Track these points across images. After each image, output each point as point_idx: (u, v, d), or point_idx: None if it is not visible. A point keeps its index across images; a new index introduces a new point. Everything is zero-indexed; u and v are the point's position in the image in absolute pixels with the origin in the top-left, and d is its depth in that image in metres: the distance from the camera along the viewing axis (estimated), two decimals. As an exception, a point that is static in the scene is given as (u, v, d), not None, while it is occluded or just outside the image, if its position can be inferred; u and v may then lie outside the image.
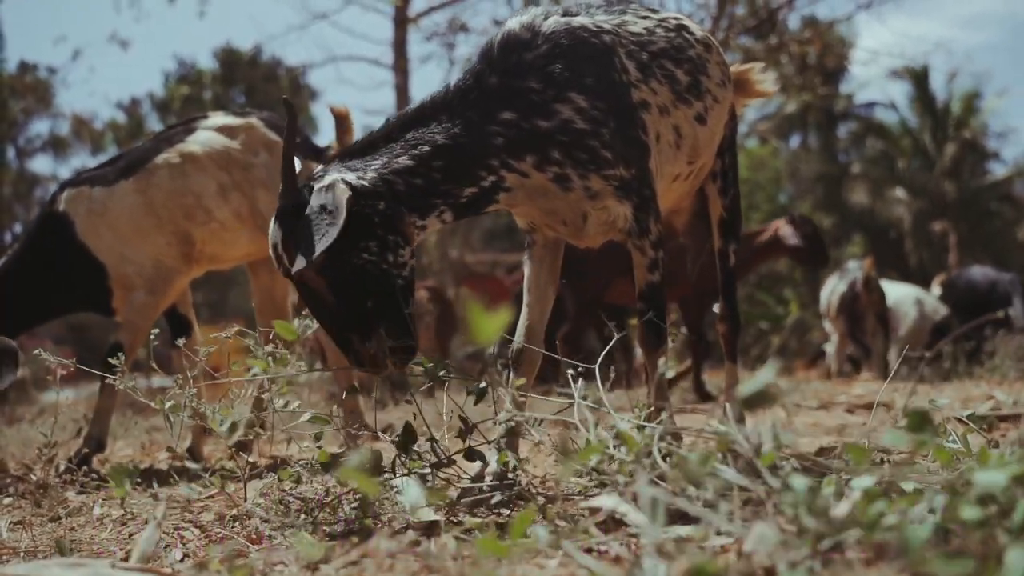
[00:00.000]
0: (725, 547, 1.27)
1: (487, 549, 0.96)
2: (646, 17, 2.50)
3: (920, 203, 23.20)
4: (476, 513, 1.79)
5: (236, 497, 2.22)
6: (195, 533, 1.98)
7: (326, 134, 24.06)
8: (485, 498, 1.83)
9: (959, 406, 3.70)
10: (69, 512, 2.43)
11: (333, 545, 1.48)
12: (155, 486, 2.75)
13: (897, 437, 1.09)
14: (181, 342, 2.76)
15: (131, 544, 1.99)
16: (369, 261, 2.06)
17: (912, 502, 1.01)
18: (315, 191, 2.04)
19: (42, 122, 24.83)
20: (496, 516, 1.77)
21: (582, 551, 1.16)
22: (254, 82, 24.92)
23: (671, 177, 2.52)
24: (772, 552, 1.02)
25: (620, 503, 1.27)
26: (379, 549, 1.19)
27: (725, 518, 1.17)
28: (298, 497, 2.00)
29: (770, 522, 1.11)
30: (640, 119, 2.31)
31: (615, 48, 2.31)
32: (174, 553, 1.79)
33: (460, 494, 1.89)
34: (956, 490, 0.97)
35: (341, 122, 3.81)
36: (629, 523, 1.28)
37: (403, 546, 1.22)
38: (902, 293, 8.54)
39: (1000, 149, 26.33)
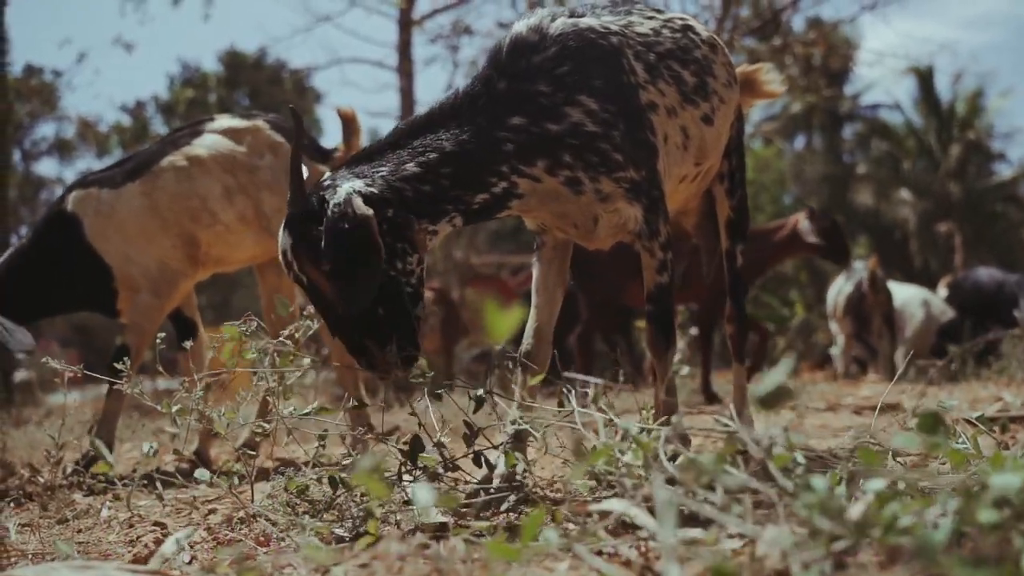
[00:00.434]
0: (736, 550, 1.27)
1: (498, 552, 0.95)
2: (652, 18, 2.50)
3: (925, 204, 23.15)
4: (485, 516, 1.78)
5: (243, 499, 2.22)
6: (203, 535, 1.98)
7: (331, 136, 24.14)
8: (494, 500, 1.83)
9: (967, 408, 3.69)
10: (77, 514, 2.44)
11: (342, 548, 1.47)
12: (161, 488, 2.74)
13: (909, 439, 1.09)
14: (188, 344, 2.77)
15: (138, 546, 1.99)
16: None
17: (926, 504, 1.00)
18: (330, 205, 2.00)
19: (48, 125, 24.85)
20: (505, 519, 1.77)
21: (593, 554, 1.15)
22: (258, 85, 24.95)
23: (678, 178, 2.52)
24: (785, 554, 1.02)
25: (630, 506, 1.26)
26: (389, 552, 1.19)
27: (737, 520, 1.16)
28: (306, 499, 2.00)
29: (783, 524, 1.10)
30: (649, 120, 2.30)
31: (623, 49, 2.30)
32: (182, 555, 1.79)
33: (468, 496, 1.88)
34: (971, 493, 0.96)
35: (348, 124, 3.81)
36: (640, 526, 1.28)
37: (412, 549, 1.21)
38: (909, 294, 8.52)
39: (1006, 150, 26.26)
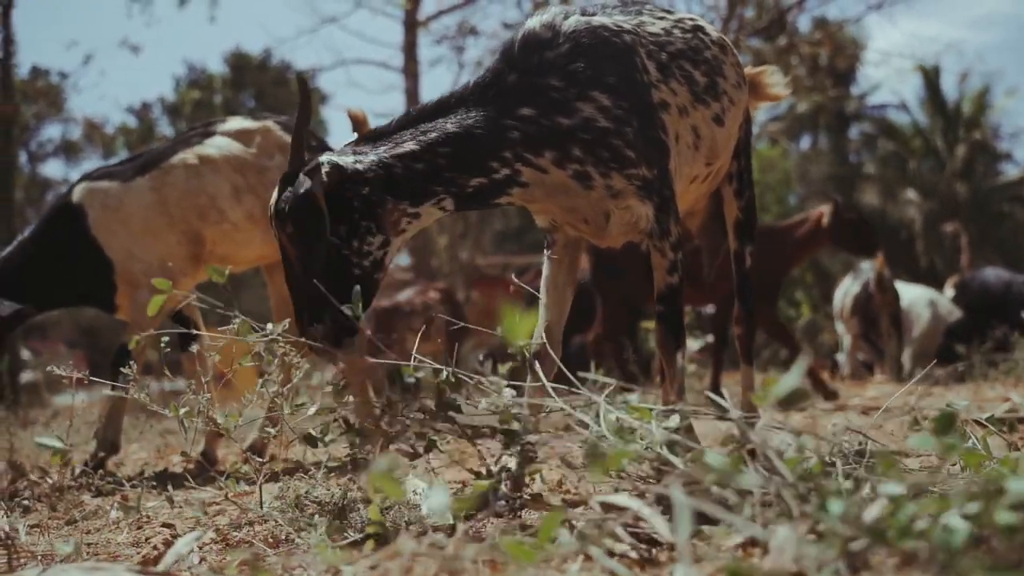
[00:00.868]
0: (748, 551, 1.26)
1: (515, 552, 0.95)
2: (662, 18, 2.50)
3: (931, 204, 23.07)
4: (499, 516, 1.78)
5: (252, 501, 2.22)
6: (212, 537, 1.98)
7: (338, 137, 24.13)
8: (506, 500, 1.82)
9: (975, 408, 3.67)
10: (85, 515, 2.43)
11: (352, 548, 1.47)
12: (170, 489, 2.75)
13: (924, 441, 1.08)
14: (195, 348, 2.77)
15: (147, 547, 1.99)
16: (333, 243, 2.11)
17: (942, 507, 1.00)
18: (303, 171, 2.10)
19: (54, 126, 24.94)
20: (517, 519, 1.76)
21: (606, 554, 1.15)
22: (264, 86, 25.00)
23: (689, 178, 2.52)
24: (800, 556, 1.01)
25: (642, 506, 1.26)
26: (399, 552, 1.18)
27: (749, 521, 1.16)
28: (314, 500, 2.00)
29: (796, 525, 1.09)
30: (660, 119, 2.30)
31: (636, 48, 2.31)
32: (191, 557, 1.79)
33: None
34: (987, 495, 0.95)
35: (358, 126, 3.81)
36: (652, 526, 1.27)
37: (424, 549, 1.21)
38: (915, 295, 8.49)
39: (1012, 150, 26.16)
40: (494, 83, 2.21)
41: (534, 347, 2.41)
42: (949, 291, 9.05)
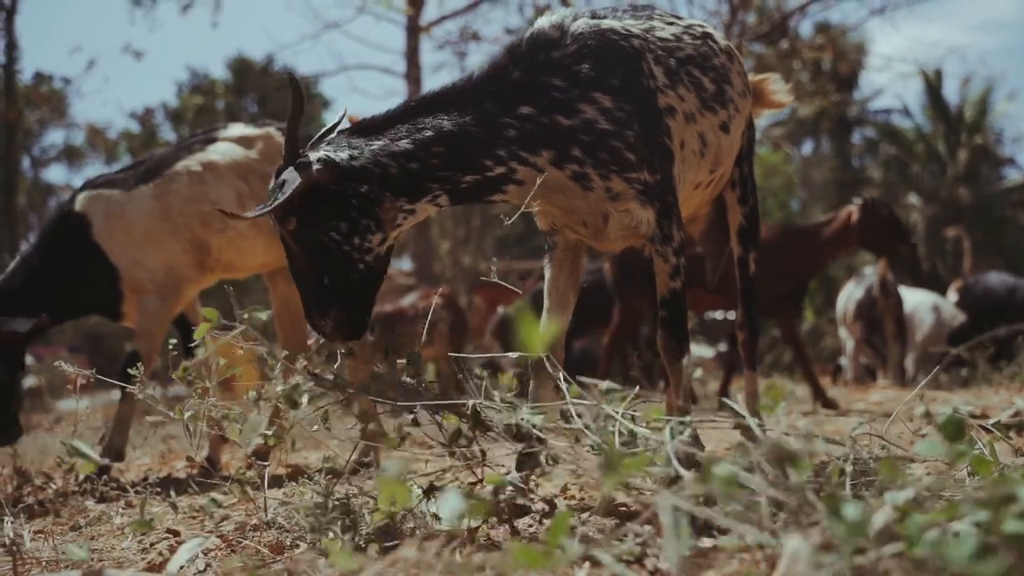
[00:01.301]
0: (755, 559, 1.26)
1: (523, 557, 0.95)
2: (672, 24, 2.50)
3: (934, 209, 23.03)
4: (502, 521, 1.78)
5: (256, 506, 2.21)
6: (216, 543, 1.97)
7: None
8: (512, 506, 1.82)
9: (979, 413, 3.66)
10: (89, 521, 2.43)
11: (359, 554, 1.46)
12: (173, 495, 2.74)
13: (932, 447, 1.08)
14: (197, 352, 2.76)
15: (151, 553, 1.99)
16: (334, 240, 2.12)
17: (951, 515, 0.99)
18: (296, 163, 2.10)
19: (57, 132, 25.04)
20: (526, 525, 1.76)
21: (614, 560, 1.15)
22: (266, 91, 25.01)
23: (693, 184, 2.52)
24: (808, 565, 1.00)
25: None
26: (406, 558, 1.18)
27: (756, 530, 1.15)
28: (319, 506, 1.99)
29: (805, 534, 1.09)
30: (666, 124, 2.30)
31: (643, 52, 2.31)
32: (196, 563, 1.79)
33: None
34: (997, 502, 0.95)
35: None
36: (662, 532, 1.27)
37: (431, 555, 1.21)
38: (919, 299, 8.47)
39: (1015, 155, 26.12)
40: (497, 79, 2.22)
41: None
42: (952, 296, 9.03)
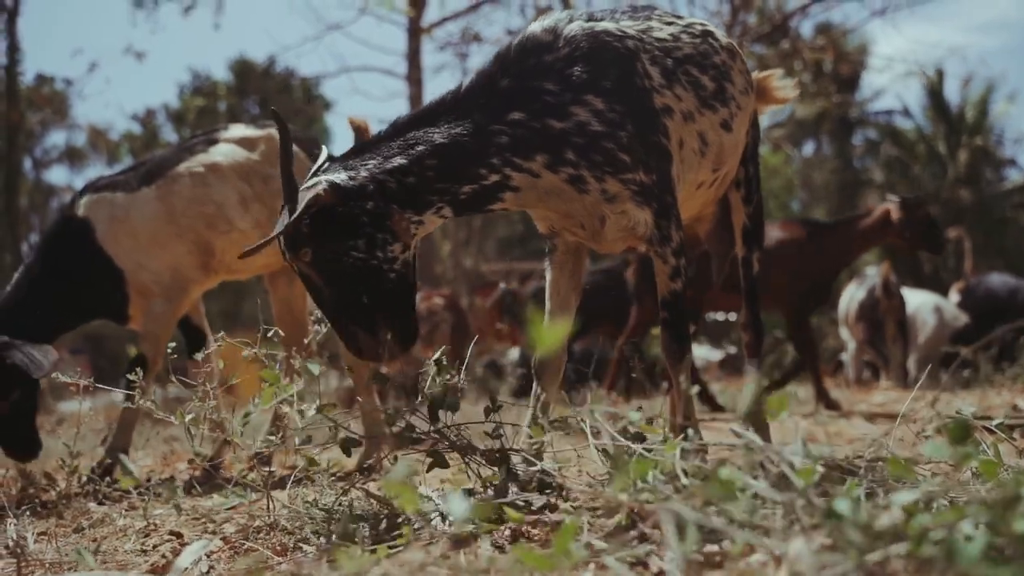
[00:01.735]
0: (762, 562, 1.25)
1: (530, 561, 0.95)
2: (671, 23, 2.50)
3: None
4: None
5: (259, 508, 2.21)
6: (219, 545, 1.97)
7: (341, 144, 24.17)
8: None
9: (982, 414, 3.65)
10: (92, 523, 2.43)
11: (364, 556, 1.46)
12: (177, 496, 2.74)
13: (939, 449, 1.07)
14: (201, 354, 2.76)
15: (155, 555, 1.99)
16: (358, 258, 2.12)
17: (957, 515, 0.99)
18: (300, 192, 2.12)
19: (58, 133, 25.08)
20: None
21: (621, 564, 1.14)
22: (268, 93, 25.02)
23: (695, 184, 2.51)
24: (813, 567, 1.00)
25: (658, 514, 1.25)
26: (413, 560, 1.18)
27: (761, 533, 1.15)
28: (323, 508, 1.99)
29: (809, 537, 1.09)
30: (662, 124, 2.29)
31: (638, 53, 2.30)
32: (200, 566, 1.78)
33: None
34: (1003, 503, 0.95)
35: (360, 135, 3.81)
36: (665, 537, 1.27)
37: (436, 557, 1.21)
38: (921, 300, 8.47)
39: (1016, 156, 26.10)
40: (485, 87, 2.21)
41: (538, 355, 2.41)
42: (955, 297, 9.03)
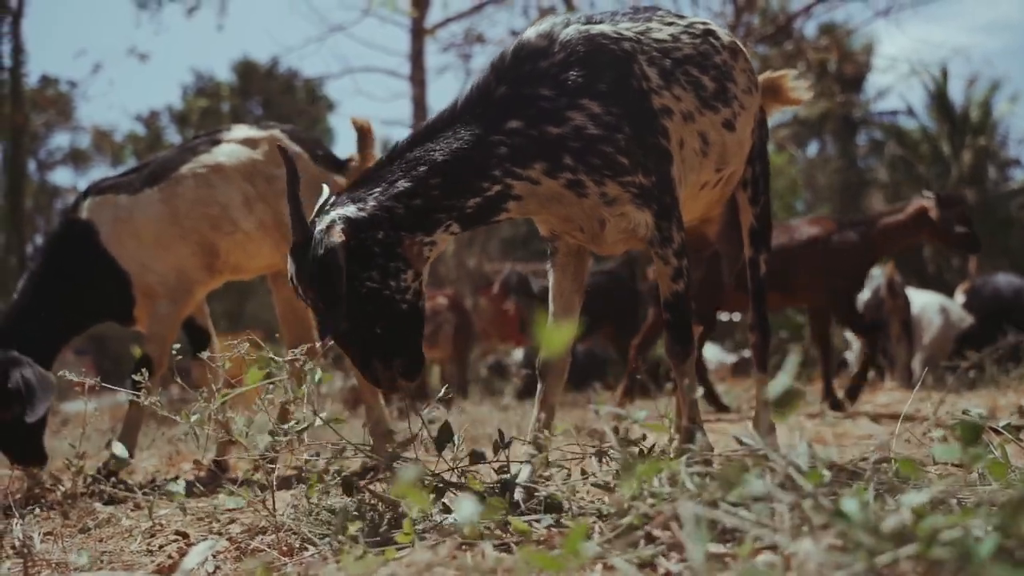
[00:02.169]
0: (771, 563, 1.25)
1: (537, 562, 0.94)
2: (672, 24, 2.48)
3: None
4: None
5: (265, 508, 2.21)
6: (225, 545, 1.97)
7: (344, 145, 24.20)
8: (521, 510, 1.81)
9: (988, 415, 3.64)
10: (98, 523, 2.43)
11: (371, 557, 1.46)
12: (182, 496, 2.74)
13: (950, 451, 1.07)
14: (205, 355, 2.76)
15: (161, 555, 1.99)
16: (372, 289, 2.10)
17: (968, 516, 0.98)
18: (315, 231, 2.09)
19: (63, 135, 25.11)
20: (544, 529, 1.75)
21: (629, 564, 1.14)
22: (271, 94, 25.07)
23: (698, 185, 2.50)
24: (824, 568, 1.00)
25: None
26: (420, 561, 1.18)
27: (771, 533, 1.14)
28: (328, 509, 1.99)
29: (819, 538, 1.08)
30: (661, 125, 2.28)
31: (634, 55, 2.28)
32: (206, 566, 1.78)
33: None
34: (1014, 505, 0.94)
35: (363, 135, 3.81)
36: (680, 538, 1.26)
37: (443, 557, 1.20)
38: (926, 301, 8.44)
39: (1021, 156, 26.04)
40: (481, 98, 2.20)
41: (542, 356, 2.41)
42: (960, 297, 9.00)
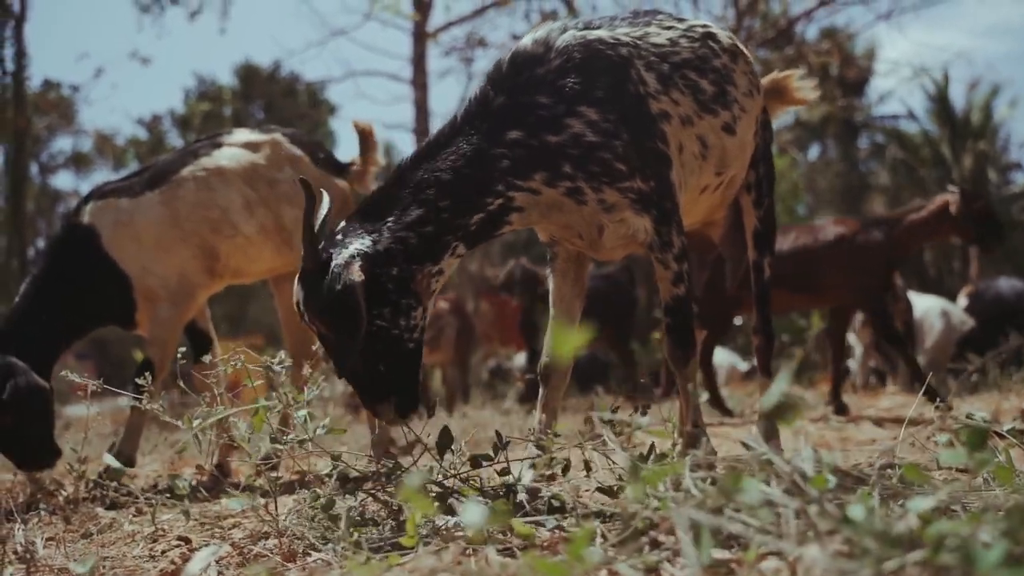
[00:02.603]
0: (776, 569, 1.25)
1: (541, 568, 0.94)
2: (671, 28, 2.47)
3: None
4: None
5: (268, 513, 2.20)
6: (228, 550, 1.96)
7: (345, 148, 24.26)
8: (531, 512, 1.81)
9: (991, 419, 3.63)
10: (100, 528, 2.43)
11: (375, 562, 1.46)
12: (185, 502, 2.73)
13: (956, 456, 1.06)
14: (207, 358, 2.75)
15: (163, 560, 1.98)
16: (381, 327, 2.07)
17: (975, 522, 0.98)
18: (333, 264, 2.04)
19: (65, 139, 25.20)
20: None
21: (634, 570, 1.14)
22: (273, 98, 25.11)
23: (698, 188, 2.49)
24: (830, 573, 0.99)
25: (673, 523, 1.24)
26: (424, 567, 1.17)
27: (776, 539, 1.14)
28: (330, 514, 1.98)
29: (825, 543, 1.08)
30: (659, 130, 2.27)
31: (631, 60, 2.27)
32: (209, 571, 1.78)
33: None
34: (1022, 510, 0.94)
35: (365, 139, 3.82)
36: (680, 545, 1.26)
37: (447, 563, 1.20)
38: (929, 305, 8.44)
39: (1022, 159, 26.01)
40: (481, 111, 2.18)
41: (543, 361, 2.41)
42: (962, 301, 9.00)
